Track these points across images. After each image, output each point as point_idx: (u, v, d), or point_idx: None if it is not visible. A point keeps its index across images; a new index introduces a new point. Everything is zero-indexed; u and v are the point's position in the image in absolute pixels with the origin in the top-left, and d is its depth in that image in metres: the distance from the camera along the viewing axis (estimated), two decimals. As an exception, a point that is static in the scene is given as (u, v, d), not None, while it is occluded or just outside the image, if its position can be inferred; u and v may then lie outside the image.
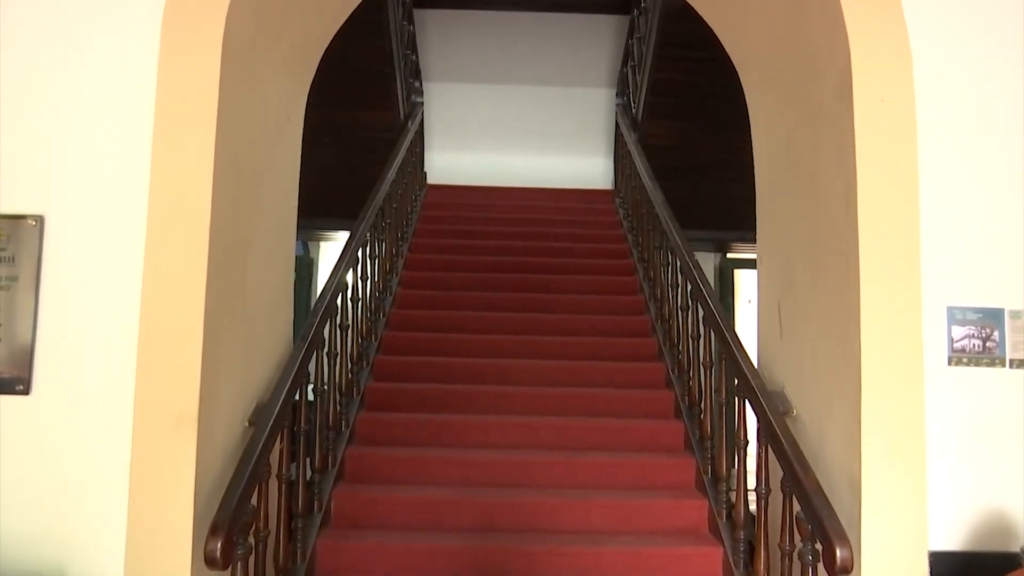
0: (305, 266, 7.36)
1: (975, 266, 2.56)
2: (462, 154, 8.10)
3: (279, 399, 2.80)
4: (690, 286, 4.11)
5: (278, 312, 3.23)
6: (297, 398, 3.07)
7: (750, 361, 3.21)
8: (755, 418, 2.97)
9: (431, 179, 7.73)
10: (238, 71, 2.62)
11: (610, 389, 4.42)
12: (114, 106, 2.47)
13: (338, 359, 3.73)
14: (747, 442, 3.22)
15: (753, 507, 3.03)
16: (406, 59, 6.61)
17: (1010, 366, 2.54)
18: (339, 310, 3.81)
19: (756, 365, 3.26)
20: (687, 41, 5.36)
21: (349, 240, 4.21)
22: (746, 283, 8.12)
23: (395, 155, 5.63)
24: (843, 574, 2.19)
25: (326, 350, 3.54)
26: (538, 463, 3.76)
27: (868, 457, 2.42)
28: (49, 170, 2.45)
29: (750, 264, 6.95)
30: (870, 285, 2.48)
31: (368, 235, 4.59)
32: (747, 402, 3.11)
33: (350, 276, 4.08)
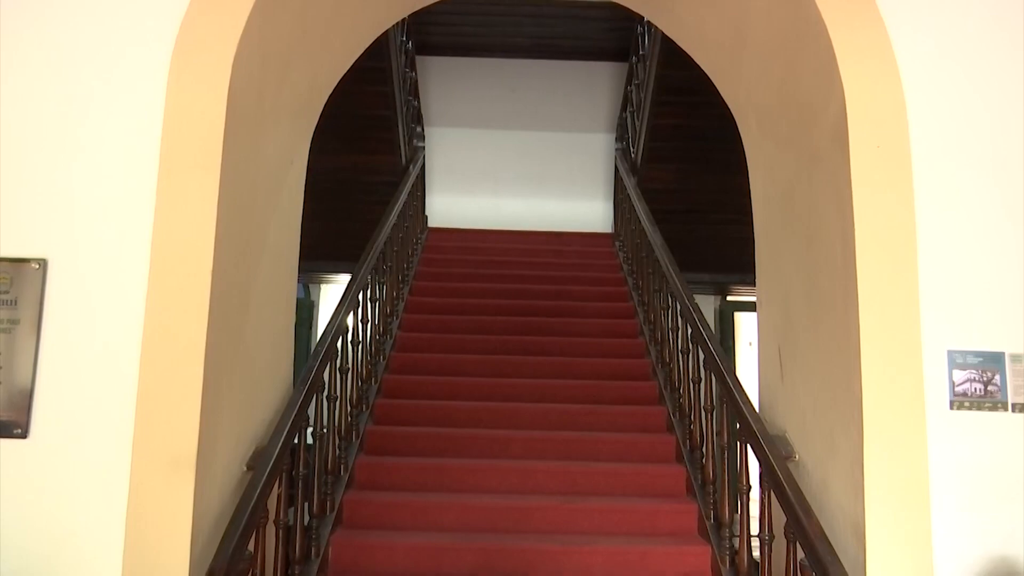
0: (306, 309, 7.37)
1: (975, 310, 2.56)
2: (463, 197, 8.17)
3: (278, 443, 2.78)
4: (690, 329, 4.11)
5: (278, 355, 3.23)
6: (296, 442, 3.05)
7: (751, 405, 3.20)
8: (757, 463, 2.95)
9: (432, 222, 7.79)
10: (243, 117, 2.66)
11: (611, 433, 4.39)
12: (119, 151, 2.50)
13: (338, 402, 3.71)
14: (749, 487, 3.19)
15: (756, 553, 2.99)
16: (408, 105, 6.71)
17: (1012, 410, 2.53)
18: (339, 353, 3.81)
19: (757, 409, 3.25)
20: (685, 87, 5.43)
21: (350, 283, 4.22)
22: (747, 326, 8.12)
23: (396, 199, 5.68)
24: (849, 623, 2.15)
25: (326, 393, 3.53)
26: (539, 508, 3.72)
27: (872, 503, 2.40)
28: (53, 214, 2.47)
29: (750, 307, 6.96)
30: (869, 329, 2.48)
31: (369, 278, 4.60)
32: (749, 446, 3.09)
33: (351, 319, 4.09)
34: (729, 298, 7.78)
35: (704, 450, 3.83)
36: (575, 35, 8.04)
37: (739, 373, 3.69)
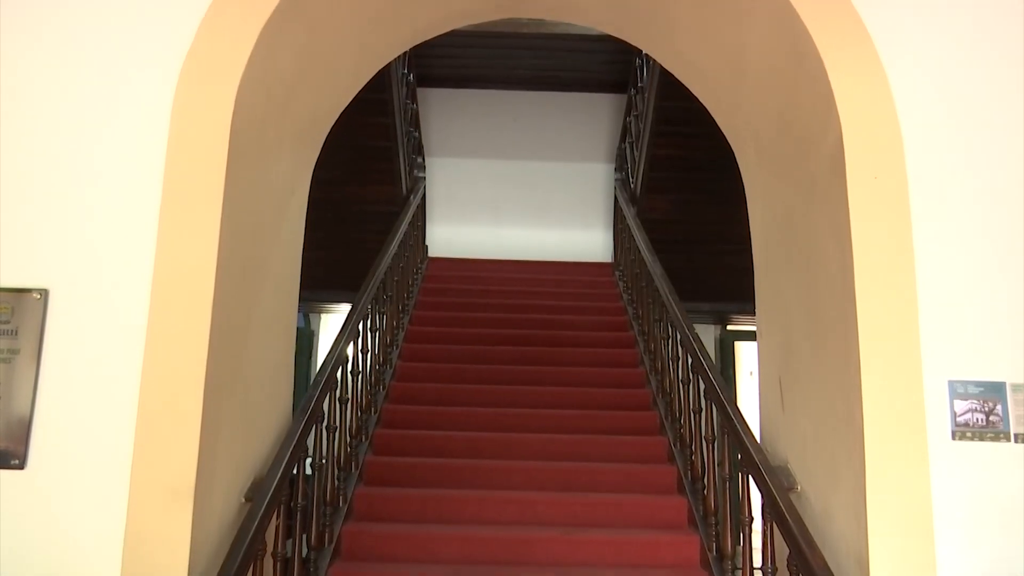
0: (306, 338, 7.36)
1: (974, 339, 2.56)
2: (463, 227, 8.21)
3: (276, 474, 2.76)
4: (691, 359, 4.10)
5: (278, 385, 3.23)
6: (295, 472, 3.03)
7: (752, 435, 3.18)
8: (759, 494, 2.93)
9: (432, 252, 7.81)
10: (246, 148, 2.69)
11: (612, 463, 4.36)
12: (122, 181, 2.52)
13: (337, 433, 3.70)
14: (752, 519, 3.16)
15: (759, 586, 2.96)
16: (409, 135, 6.77)
17: (1015, 440, 2.51)
18: (339, 383, 3.80)
19: (759, 439, 3.23)
20: (683, 118, 5.49)
21: (350, 313, 4.23)
22: (747, 355, 8.10)
23: (397, 229, 5.70)
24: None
25: (325, 423, 3.51)
26: (539, 540, 3.68)
27: (875, 534, 2.38)
28: (55, 244, 2.48)
29: (751, 336, 6.96)
30: (870, 360, 2.48)
31: (369, 308, 4.61)
32: (750, 477, 3.07)
33: (351, 349, 4.08)
34: (729, 327, 7.78)
35: (705, 481, 3.80)
36: (574, 67, 8.14)
37: (740, 403, 3.67)
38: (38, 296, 2.44)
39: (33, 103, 2.56)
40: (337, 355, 3.75)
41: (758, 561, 2.93)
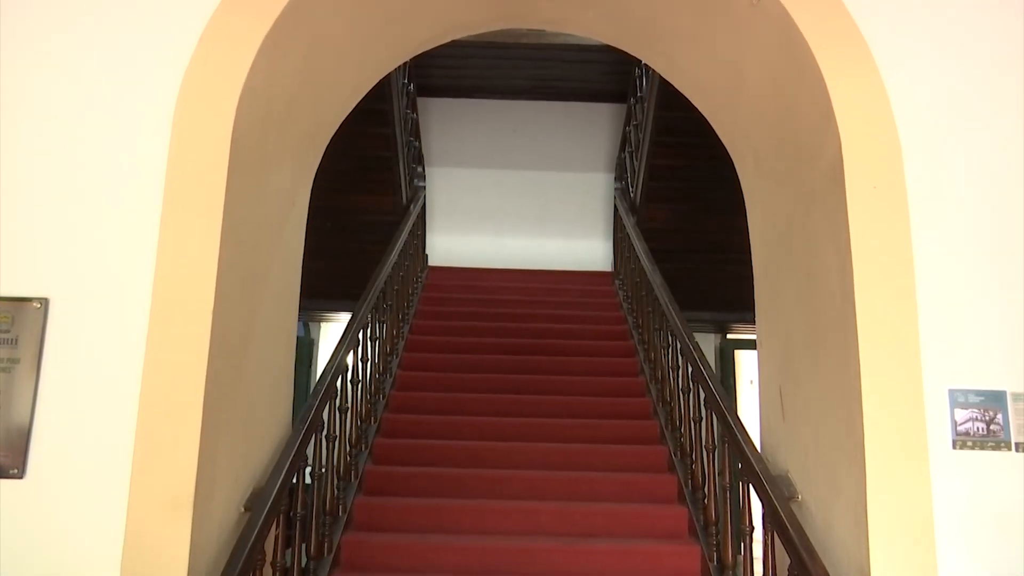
0: (305, 347, 7.36)
1: (975, 348, 2.55)
2: (463, 237, 8.22)
3: (276, 483, 2.76)
4: (691, 368, 4.10)
5: (278, 394, 3.22)
6: (295, 482, 3.02)
7: (753, 444, 3.18)
8: (760, 503, 2.92)
9: (433, 261, 7.82)
10: (246, 158, 2.70)
11: (612, 472, 4.35)
12: (122, 190, 2.52)
13: (337, 442, 3.69)
14: (752, 528, 3.15)
15: (760, 597, 2.95)
16: (409, 145, 6.79)
17: (1016, 449, 2.51)
18: (339, 392, 3.80)
19: (759, 448, 3.23)
20: (682, 128, 5.50)
21: (350, 322, 4.23)
22: (747, 364, 8.10)
23: (397, 238, 5.71)
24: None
25: (325, 433, 3.51)
26: (540, 550, 3.67)
27: (876, 544, 2.37)
28: (56, 253, 2.48)
29: (751, 345, 6.94)
30: (870, 369, 2.48)
31: (369, 317, 4.61)
32: (751, 486, 3.06)
33: (350, 358, 4.08)
34: (729, 336, 7.78)
35: (706, 490, 3.79)
36: (574, 77, 8.17)
37: (740, 412, 3.67)
38: (38, 305, 2.44)
39: (34, 112, 2.57)
40: (337, 364, 3.75)
41: (759, 571, 2.92)
